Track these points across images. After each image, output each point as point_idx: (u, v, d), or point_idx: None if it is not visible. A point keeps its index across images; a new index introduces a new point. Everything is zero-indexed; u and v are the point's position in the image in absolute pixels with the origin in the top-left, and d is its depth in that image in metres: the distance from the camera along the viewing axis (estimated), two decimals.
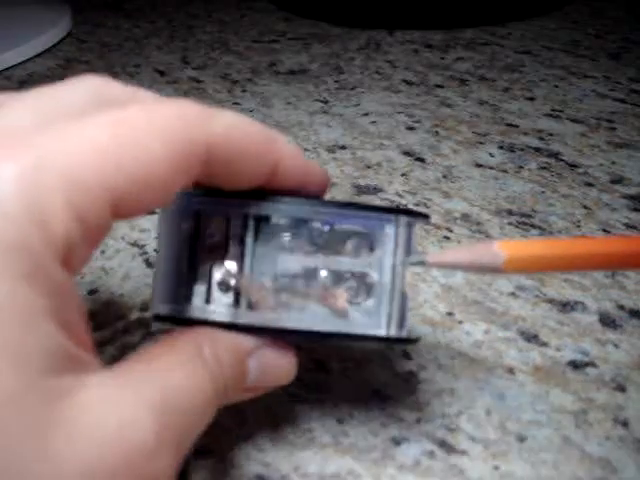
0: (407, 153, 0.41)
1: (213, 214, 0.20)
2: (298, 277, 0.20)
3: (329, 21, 0.64)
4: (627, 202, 0.35)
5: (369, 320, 0.20)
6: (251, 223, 0.19)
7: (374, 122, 0.45)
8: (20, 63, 0.56)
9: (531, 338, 0.27)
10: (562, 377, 0.25)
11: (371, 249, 0.20)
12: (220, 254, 0.20)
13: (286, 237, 0.20)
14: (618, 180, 0.37)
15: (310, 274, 0.20)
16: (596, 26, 0.61)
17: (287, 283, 0.19)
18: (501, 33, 0.60)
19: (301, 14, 0.66)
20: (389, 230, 0.20)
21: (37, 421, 0.13)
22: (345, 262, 0.20)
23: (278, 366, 0.20)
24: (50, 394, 0.13)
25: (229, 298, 0.19)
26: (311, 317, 0.19)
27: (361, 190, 0.37)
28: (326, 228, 0.20)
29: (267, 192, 0.19)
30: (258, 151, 0.18)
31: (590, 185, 0.37)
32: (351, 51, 0.57)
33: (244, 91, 0.50)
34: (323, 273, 0.20)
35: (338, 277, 0.20)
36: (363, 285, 0.20)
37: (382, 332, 0.20)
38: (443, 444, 0.23)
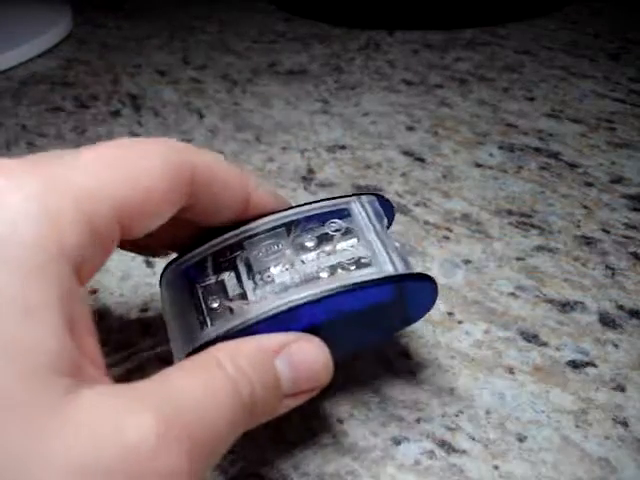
0: (407, 153, 0.41)
1: (205, 268, 0.21)
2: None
3: (329, 21, 0.64)
4: (627, 202, 0.35)
5: (374, 270, 0.20)
6: (242, 250, 0.21)
7: (374, 122, 0.45)
8: (21, 63, 0.56)
9: (531, 338, 0.27)
10: (562, 377, 0.25)
11: (354, 238, 0.21)
12: (220, 289, 0.21)
13: (275, 251, 0.21)
14: (618, 180, 0.37)
15: (309, 276, 0.20)
16: (596, 26, 0.61)
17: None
18: (501, 33, 0.60)
19: (301, 14, 0.66)
20: (356, 208, 0.22)
21: (34, 418, 0.13)
22: (335, 256, 0.21)
23: (311, 361, 0.18)
24: (50, 393, 0.13)
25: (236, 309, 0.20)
26: (320, 284, 0.20)
27: (361, 190, 0.37)
28: (309, 237, 0.21)
29: (243, 223, 0.22)
30: (234, 178, 0.21)
31: (590, 185, 0.37)
32: (351, 51, 0.57)
33: (244, 91, 0.50)
34: (320, 270, 0.20)
35: (334, 268, 0.20)
36: (360, 263, 0.20)
37: (389, 270, 0.20)
38: (443, 444, 0.23)
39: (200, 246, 0.22)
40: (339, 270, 0.20)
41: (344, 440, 0.23)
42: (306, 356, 0.18)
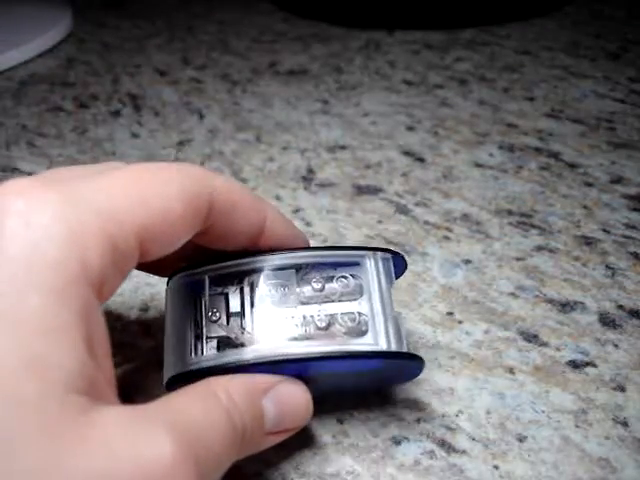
0: (407, 153, 0.41)
1: (211, 283, 0.22)
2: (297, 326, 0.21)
3: (329, 21, 0.64)
4: (627, 202, 0.35)
5: (370, 342, 0.21)
6: (247, 282, 0.21)
7: (374, 122, 0.45)
8: (21, 63, 0.56)
9: (531, 338, 0.27)
10: (562, 377, 0.25)
11: (358, 293, 0.22)
12: (222, 323, 0.21)
13: (279, 292, 0.21)
14: (618, 180, 0.37)
15: (307, 321, 0.21)
16: (596, 26, 0.61)
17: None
18: (501, 33, 0.60)
19: (301, 14, 0.66)
20: (369, 263, 0.22)
21: (51, 434, 0.13)
22: (338, 307, 0.21)
23: (295, 403, 0.20)
24: (68, 410, 0.14)
25: (235, 345, 0.20)
26: (315, 344, 0.20)
27: (361, 190, 0.37)
28: (316, 279, 0.22)
29: (256, 253, 0.22)
30: (251, 205, 0.21)
31: (590, 185, 0.37)
32: (351, 51, 0.57)
33: (244, 91, 0.50)
34: (318, 318, 0.21)
35: (333, 319, 0.21)
36: (359, 319, 0.21)
37: (383, 346, 0.20)
38: (443, 444, 0.23)
39: (211, 264, 0.22)
40: (336, 327, 0.21)
41: (344, 440, 0.23)
42: (290, 398, 0.20)
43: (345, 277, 0.22)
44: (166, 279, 0.23)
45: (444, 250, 0.32)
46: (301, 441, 0.23)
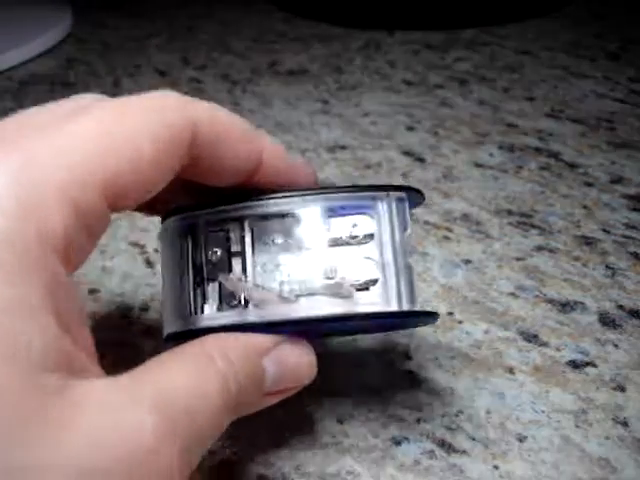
0: (407, 153, 0.41)
1: (208, 225, 0.20)
2: (301, 273, 0.19)
3: (329, 21, 0.64)
4: (627, 202, 0.35)
5: (379, 299, 0.19)
6: (247, 226, 0.19)
7: (374, 122, 0.45)
8: (21, 63, 0.56)
9: (531, 338, 0.27)
10: (562, 377, 0.25)
11: (369, 235, 0.20)
12: (223, 265, 0.19)
13: (283, 237, 0.19)
14: (618, 180, 0.37)
15: (313, 269, 0.19)
16: (596, 26, 0.61)
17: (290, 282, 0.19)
18: (501, 33, 0.60)
19: (301, 14, 0.66)
20: (382, 207, 0.20)
21: (26, 419, 0.12)
22: (346, 251, 0.19)
23: (297, 363, 0.19)
24: (42, 391, 0.13)
25: (237, 305, 0.19)
26: (320, 305, 0.19)
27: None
28: (321, 221, 0.19)
29: (256, 191, 0.19)
30: (242, 137, 0.18)
31: (590, 185, 0.37)
32: (351, 51, 0.57)
33: (244, 91, 0.50)
34: (325, 265, 0.19)
35: (341, 267, 0.19)
36: (367, 270, 0.19)
37: (394, 307, 0.19)
38: (443, 444, 0.23)
39: (207, 204, 0.20)
40: (344, 278, 0.19)
41: (344, 440, 0.23)
42: (292, 357, 0.19)
43: (355, 224, 0.19)
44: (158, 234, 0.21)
45: (444, 250, 0.32)
46: (301, 441, 0.23)
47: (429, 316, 0.20)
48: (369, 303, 0.19)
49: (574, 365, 0.25)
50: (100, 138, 0.15)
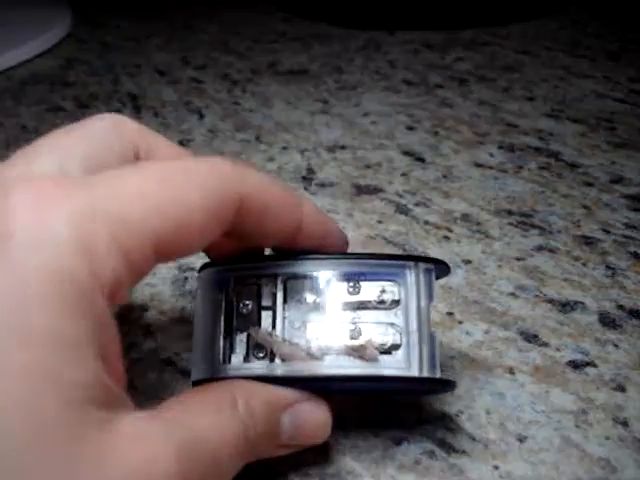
0: (407, 153, 0.41)
1: (244, 280, 0.21)
2: (328, 333, 0.20)
3: (329, 21, 0.64)
4: (627, 202, 0.35)
5: (402, 364, 0.20)
6: (280, 283, 0.21)
7: (374, 122, 0.45)
8: (21, 63, 0.56)
9: (531, 338, 0.27)
10: (562, 377, 0.25)
11: (395, 302, 0.21)
12: (253, 317, 0.20)
13: (313, 297, 0.20)
14: (618, 180, 0.37)
15: (339, 329, 0.20)
16: (596, 26, 0.61)
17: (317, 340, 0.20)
18: (501, 33, 0.60)
19: (301, 14, 0.66)
20: (410, 276, 0.21)
21: (69, 451, 0.13)
22: (372, 315, 0.20)
23: (314, 423, 0.20)
24: (83, 424, 0.14)
25: (265, 357, 0.20)
26: (345, 364, 0.20)
27: (361, 190, 0.37)
28: (350, 285, 0.21)
29: (291, 254, 0.21)
30: (285, 205, 0.20)
31: (590, 185, 0.37)
32: (351, 51, 0.57)
33: (244, 91, 0.50)
34: (351, 327, 0.20)
35: (366, 330, 0.20)
36: (392, 335, 0.20)
37: (415, 373, 0.20)
38: (443, 444, 0.23)
39: (243, 259, 0.21)
40: (368, 340, 0.20)
41: (344, 440, 0.23)
42: (310, 418, 0.20)
43: (383, 290, 0.21)
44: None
45: (444, 250, 0.32)
46: None
47: (448, 385, 0.21)
48: (391, 367, 0.20)
49: (574, 365, 0.25)
50: (158, 198, 0.16)
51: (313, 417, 0.20)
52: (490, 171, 0.39)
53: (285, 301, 0.20)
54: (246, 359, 0.20)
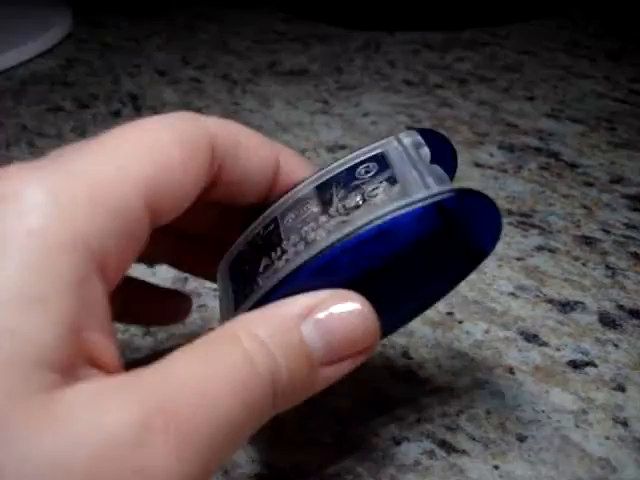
0: None
1: (250, 245, 0.19)
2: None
3: (329, 21, 0.64)
4: (627, 202, 0.35)
5: (419, 189, 0.17)
6: (280, 221, 0.19)
7: (374, 122, 0.45)
8: (21, 63, 0.56)
9: (531, 338, 0.27)
10: (562, 377, 0.25)
11: (383, 174, 0.18)
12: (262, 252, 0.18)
13: (305, 219, 0.18)
14: (618, 180, 0.37)
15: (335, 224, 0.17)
16: (596, 26, 0.61)
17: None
18: (501, 33, 0.60)
19: (301, 14, 0.66)
20: (391, 148, 0.19)
21: (9, 412, 0.12)
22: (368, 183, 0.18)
23: (346, 321, 0.16)
24: (31, 386, 0.13)
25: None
26: (354, 219, 0.17)
27: None
28: (339, 194, 0.18)
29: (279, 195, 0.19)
30: (258, 144, 0.19)
31: (590, 185, 0.37)
32: (351, 51, 0.57)
33: (244, 91, 0.50)
34: (347, 210, 0.17)
35: (364, 193, 0.17)
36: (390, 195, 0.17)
37: (422, 191, 0.17)
38: (443, 444, 0.23)
39: (239, 234, 0.20)
40: (364, 205, 0.17)
41: (344, 440, 0.23)
42: (339, 315, 0.16)
43: (366, 166, 0.18)
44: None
45: None
46: (301, 441, 0.23)
47: (478, 197, 0.18)
48: (394, 204, 0.16)
49: (574, 365, 0.25)
50: (127, 146, 0.16)
51: (342, 312, 0.16)
52: (490, 171, 0.39)
53: (288, 236, 0.18)
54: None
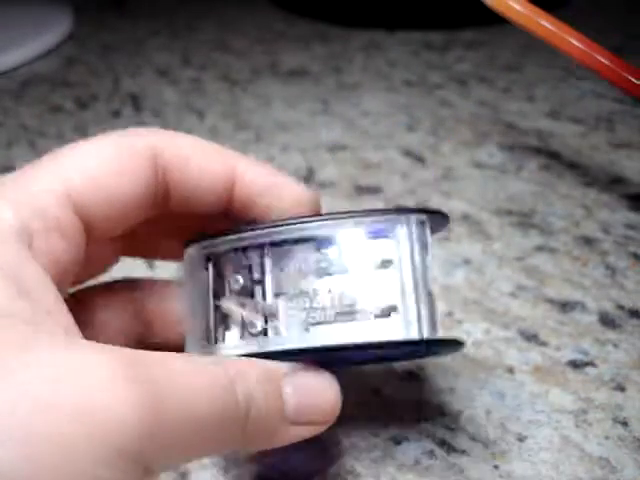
0: (407, 153, 0.41)
1: (228, 253, 0.19)
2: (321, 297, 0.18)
3: (329, 21, 0.64)
4: (627, 202, 0.35)
5: (399, 327, 0.18)
6: (267, 253, 0.19)
7: (374, 122, 0.45)
8: (21, 64, 0.56)
9: (531, 338, 0.27)
10: (562, 377, 0.25)
11: (388, 261, 0.19)
12: (245, 293, 0.19)
13: (302, 261, 0.19)
14: (618, 180, 0.37)
15: (329, 298, 0.18)
16: (596, 25, 0.61)
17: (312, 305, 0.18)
18: (501, 33, 0.60)
19: (301, 14, 0.66)
20: (401, 231, 0.19)
21: None
22: (364, 275, 0.18)
23: (318, 390, 0.18)
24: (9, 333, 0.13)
25: (258, 333, 0.18)
26: (340, 333, 0.18)
27: (361, 190, 0.37)
28: (340, 253, 0.18)
29: (274, 221, 0.19)
30: (209, 152, 0.19)
31: (590, 185, 0.37)
32: (351, 51, 0.57)
33: (244, 91, 0.50)
34: (345, 289, 0.18)
35: (361, 291, 0.18)
36: (387, 296, 0.18)
37: (414, 335, 0.18)
38: (443, 444, 0.23)
39: (222, 234, 0.19)
40: (363, 305, 0.18)
41: (344, 440, 0.23)
42: (313, 385, 0.18)
43: (374, 250, 0.19)
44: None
45: (444, 250, 0.32)
46: (301, 441, 0.23)
47: (453, 345, 0.19)
48: (389, 331, 0.18)
49: (574, 365, 0.25)
50: (63, 160, 0.17)
51: (318, 385, 0.18)
52: (490, 171, 0.39)
53: (273, 271, 0.19)
54: (242, 337, 0.19)
